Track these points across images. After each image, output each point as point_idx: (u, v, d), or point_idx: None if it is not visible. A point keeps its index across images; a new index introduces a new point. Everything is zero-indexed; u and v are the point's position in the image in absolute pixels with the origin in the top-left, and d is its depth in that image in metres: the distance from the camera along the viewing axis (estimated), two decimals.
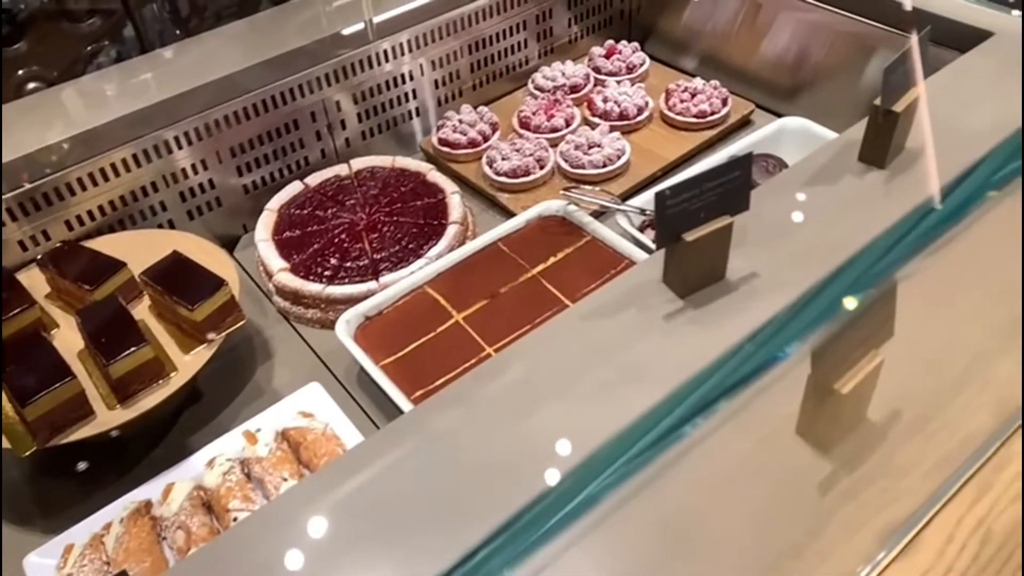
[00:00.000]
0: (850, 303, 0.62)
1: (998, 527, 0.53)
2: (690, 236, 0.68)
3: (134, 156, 1.08)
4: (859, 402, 0.58)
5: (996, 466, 0.56)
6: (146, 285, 0.95)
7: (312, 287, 1.08)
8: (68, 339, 0.93)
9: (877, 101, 0.81)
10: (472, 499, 0.59)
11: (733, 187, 0.68)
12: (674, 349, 0.68)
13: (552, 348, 0.70)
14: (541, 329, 0.72)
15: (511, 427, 0.63)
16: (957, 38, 1.09)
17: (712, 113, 1.33)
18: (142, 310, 0.98)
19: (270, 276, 1.12)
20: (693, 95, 1.36)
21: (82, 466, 0.90)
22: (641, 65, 1.47)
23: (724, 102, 1.35)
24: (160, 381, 0.87)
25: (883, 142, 0.86)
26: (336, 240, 1.15)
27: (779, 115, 1.32)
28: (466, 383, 0.68)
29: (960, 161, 0.85)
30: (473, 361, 0.97)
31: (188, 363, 0.90)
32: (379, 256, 1.13)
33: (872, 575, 0.51)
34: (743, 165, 0.68)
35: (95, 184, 1.07)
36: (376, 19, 1.23)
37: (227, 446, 0.89)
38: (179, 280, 0.91)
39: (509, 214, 1.21)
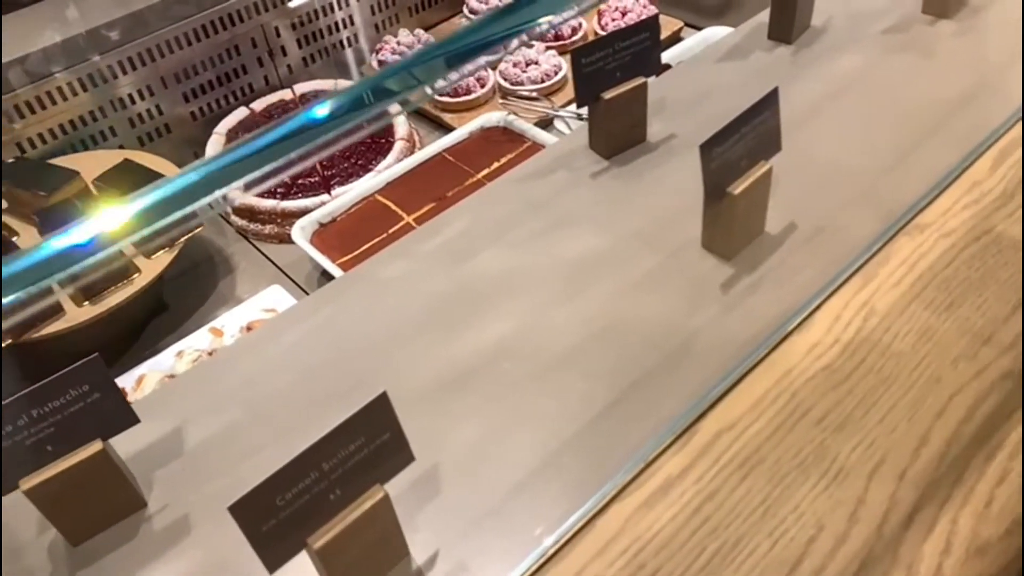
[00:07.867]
0: None
1: (880, 306, 0.60)
2: (608, 94, 0.75)
3: (78, 82, 1.11)
4: (753, 208, 0.65)
5: (880, 261, 0.63)
6: (100, 190, 0.98)
7: (267, 203, 1.13)
8: (30, 244, 0.96)
9: None
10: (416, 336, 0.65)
11: (643, 48, 0.75)
12: (598, 199, 0.75)
13: (489, 207, 0.76)
14: (478, 192, 0.78)
15: (452, 271, 0.69)
16: None
17: None
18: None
19: (224, 196, 1.16)
20: (624, 14, 1.42)
21: None
22: None
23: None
24: (124, 281, 0.91)
25: (787, 20, 0.93)
26: None
27: None
28: (408, 240, 0.73)
29: (858, 35, 0.92)
30: None
31: (150, 265, 0.94)
32: (329, 173, 1.18)
33: (765, 352, 0.58)
34: (650, 27, 0.74)
35: (43, 108, 1.09)
36: None
37: (194, 342, 0.93)
38: (132, 184, 0.95)
39: None
